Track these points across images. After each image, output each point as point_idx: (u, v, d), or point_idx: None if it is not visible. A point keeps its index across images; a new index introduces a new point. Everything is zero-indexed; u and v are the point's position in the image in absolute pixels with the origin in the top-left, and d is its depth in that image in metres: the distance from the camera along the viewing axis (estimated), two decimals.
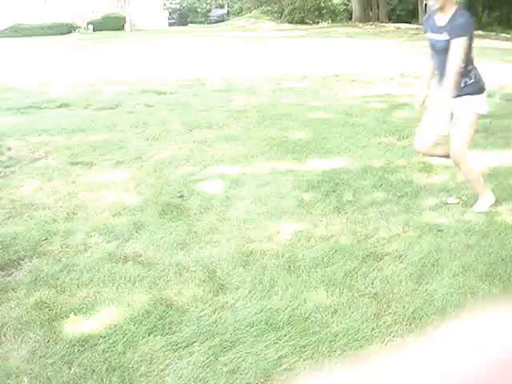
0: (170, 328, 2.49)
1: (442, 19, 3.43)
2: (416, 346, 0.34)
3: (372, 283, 2.86)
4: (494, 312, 0.34)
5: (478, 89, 3.54)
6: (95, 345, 2.37)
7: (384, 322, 2.53)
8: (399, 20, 29.36)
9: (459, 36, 3.31)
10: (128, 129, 6.29)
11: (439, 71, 3.54)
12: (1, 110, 7.45)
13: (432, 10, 3.51)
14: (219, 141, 5.59)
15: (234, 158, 4.84)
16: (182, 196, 4.14)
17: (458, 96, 3.46)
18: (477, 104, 3.53)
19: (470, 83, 3.50)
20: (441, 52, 3.44)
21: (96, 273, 2.99)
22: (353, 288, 2.82)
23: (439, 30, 3.43)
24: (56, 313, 2.60)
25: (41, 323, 2.52)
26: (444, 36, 3.38)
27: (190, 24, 33.16)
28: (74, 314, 2.60)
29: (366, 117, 6.59)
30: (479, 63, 3.67)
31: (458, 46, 3.32)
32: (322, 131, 5.96)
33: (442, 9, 3.39)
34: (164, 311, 2.61)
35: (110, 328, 2.48)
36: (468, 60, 3.45)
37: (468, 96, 3.49)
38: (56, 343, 2.38)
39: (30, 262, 3.13)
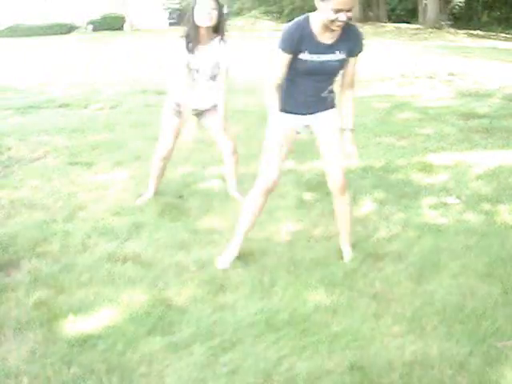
0: (169, 328, 2.49)
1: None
2: None
3: (372, 283, 2.86)
4: None
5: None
6: (95, 345, 2.36)
7: (384, 322, 2.53)
8: (399, 20, 29.36)
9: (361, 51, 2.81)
10: (128, 129, 6.28)
11: None
12: (1, 109, 7.45)
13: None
14: None
15: None
16: (181, 196, 4.13)
17: (320, 111, 2.98)
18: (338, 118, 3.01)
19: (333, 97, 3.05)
20: None
21: (95, 273, 2.98)
22: (353, 288, 2.81)
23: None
24: (55, 313, 2.60)
25: (40, 323, 2.52)
26: (339, 55, 2.82)
27: None
28: (74, 314, 2.59)
29: (366, 117, 6.58)
30: (479, 63, 3.68)
31: None
32: None
33: None
34: (163, 311, 2.61)
35: (110, 328, 2.48)
36: None
37: (332, 109, 3.03)
38: (55, 343, 2.38)
39: (30, 262, 3.12)
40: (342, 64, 2.82)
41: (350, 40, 2.76)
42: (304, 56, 2.73)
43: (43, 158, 5.21)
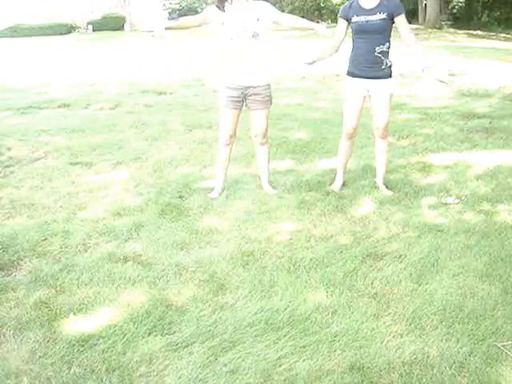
0: (169, 328, 2.49)
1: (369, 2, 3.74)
2: None
3: (372, 283, 2.86)
4: None
5: (392, 71, 3.92)
6: (95, 345, 2.37)
7: (384, 322, 2.53)
8: None
9: (402, 13, 3.78)
10: (128, 129, 6.29)
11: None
12: (1, 110, 7.45)
13: None
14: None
15: (233, 157, 4.82)
16: (181, 196, 4.13)
17: (378, 78, 3.85)
18: (393, 86, 3.99)
19: (390, 65, 3.87)
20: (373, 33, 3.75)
21: (96, 273, 2.99)
22: (353, 288, 2.82)
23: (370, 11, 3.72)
24: (56, 313, 2.60)
25: (40, 323, 2.52)
26: (380, 15, 3.72)
27: None
28: (74, 314, 2.60)
29: (366, 117, 6.57)
30: (479, 63, 3.69)
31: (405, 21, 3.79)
32: (321, 131, 5.96)
33: None
34: (164, 311, 2.61)
35: (110, 328, 2.48)
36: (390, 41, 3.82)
37: (387, 79, 3.88)
38: (55, 343, 2.38)
39: (30, 262, 3.13)
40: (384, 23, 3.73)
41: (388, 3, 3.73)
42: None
43: (43, 158, 5.21)
